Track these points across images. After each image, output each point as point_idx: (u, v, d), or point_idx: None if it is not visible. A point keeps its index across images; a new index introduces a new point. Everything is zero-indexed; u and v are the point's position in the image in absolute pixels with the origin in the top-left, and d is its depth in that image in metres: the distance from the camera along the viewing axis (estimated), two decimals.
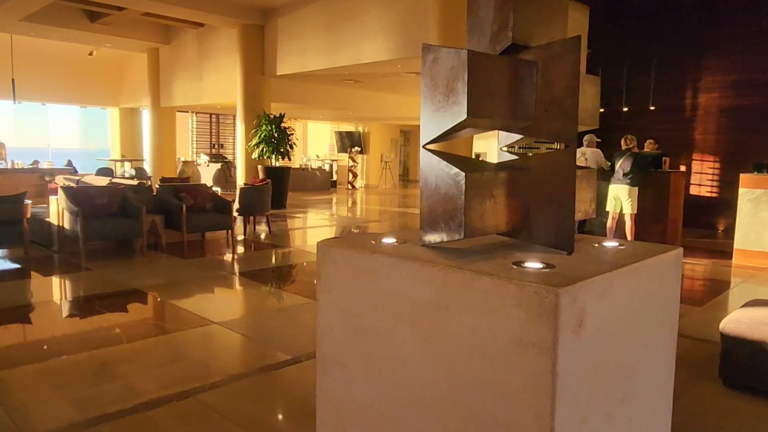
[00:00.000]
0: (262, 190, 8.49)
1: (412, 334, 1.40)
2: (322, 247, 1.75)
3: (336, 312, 1.64)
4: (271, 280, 5.71)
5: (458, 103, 1.46)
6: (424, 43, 1.66)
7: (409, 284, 1.41)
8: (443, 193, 1.57)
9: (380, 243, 1.72)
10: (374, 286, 1.50)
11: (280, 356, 3.51)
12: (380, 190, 19.69)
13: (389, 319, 1.46)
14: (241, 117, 12.73)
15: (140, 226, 6.57)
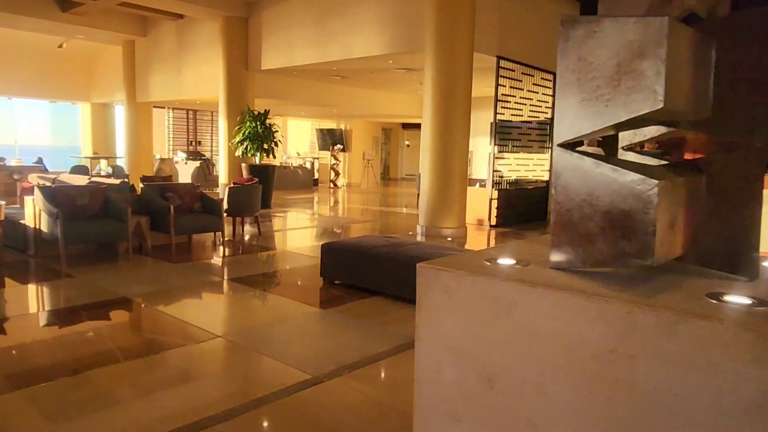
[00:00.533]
0: (251, 190, 8.09)
1: (570, 388, 1.09)
2: (427, 270, 1.42)
3: (447, 352, 1.32)
4: (269, 286, 5.35)
5: (644, 89, 1.13)
6: (563, 14, 1.33)
7: (566, 323, 1.10)
8: (606, 206, 1.20)
9: (498, 264, 1.39)
10: (509, 323, 1.18)
11: (297, 375, 3.17)
12: (363, 188, 19.35)
13: (533, 366, 1.15)
14: (223, 113, 12.25)
15: (125, 228, 6.13)
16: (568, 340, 1.09)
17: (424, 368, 1.36)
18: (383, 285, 4.92)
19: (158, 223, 6.78)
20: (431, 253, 4.75)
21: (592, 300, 1.07)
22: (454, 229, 8.61)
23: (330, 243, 5.42)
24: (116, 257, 6.34)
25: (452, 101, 8.45)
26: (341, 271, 5.25)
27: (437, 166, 8.55)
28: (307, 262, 6.43)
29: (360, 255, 5.06)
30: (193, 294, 5.02)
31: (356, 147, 20.78)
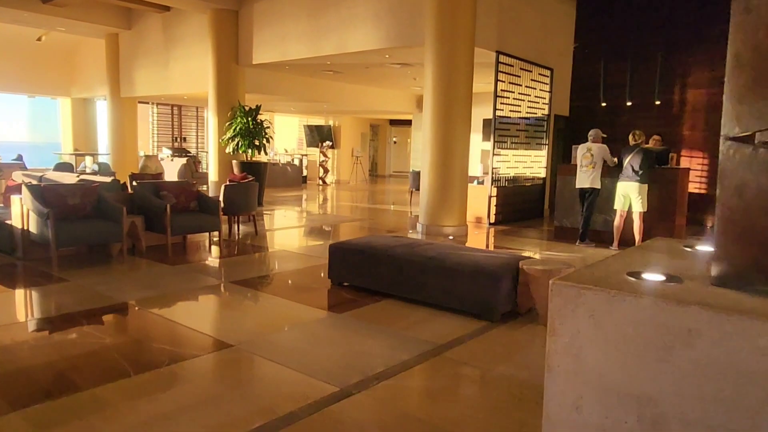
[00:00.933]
0: (248, 188, 7.82)
1: None
2: (566, 289, 1.22)
3: (591, 387, 1.12)
4: (275, 288, 5.11)
5: None
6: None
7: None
8: None
9: (646, 281, 1.19)
10: (689, 356, 0.98)
11: (322, 387, 2.97)
12: (353, 185, 19.12)
13: (725, 411, 0.94)
14: (213, 109, 11.92)
15: (120, 229, 5.83)
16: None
17: (559, 405, 1.16)
18: (396, 287, 4.73)
19: (153, 223, 6.49)
20: (448, 254, 4.57)
21: None
22: (455, 227, 8.44)
23: (338, 243, 5.20)
24: (110, 259, 6.04)
25: (453, 97, 8.28)
26: (350, 272, 5.05)
27: (438, 164, 8.37)
28: (309, 262, 6.20)
29: (371, 256, 4.86)
30: (196, 298, 4.76)
31: (345, 143, 20.53)
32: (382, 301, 4.66)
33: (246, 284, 5.17)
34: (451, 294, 4.38)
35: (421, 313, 4.37)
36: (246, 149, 11.39)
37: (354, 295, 4.84)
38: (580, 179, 7.75)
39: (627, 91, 10.86)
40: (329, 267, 5.21)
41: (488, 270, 4.20)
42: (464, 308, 4.32)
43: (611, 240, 7.73)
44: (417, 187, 13.36)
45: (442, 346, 3.64)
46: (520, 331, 4.05)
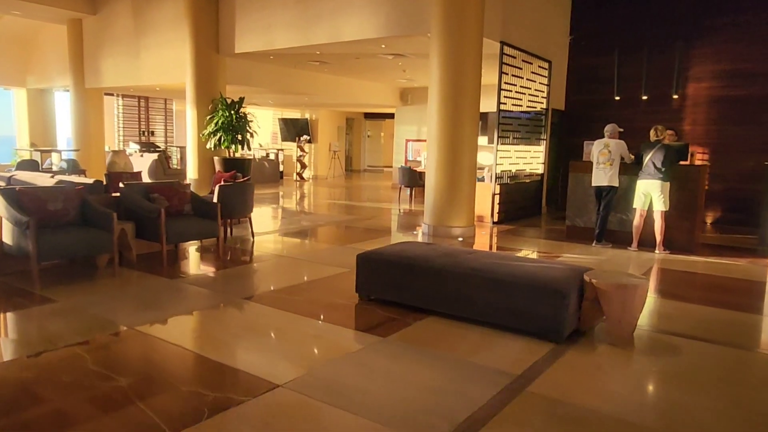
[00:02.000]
0: (244, 189, 7.16)
1: None
2: None
3: None
4: (297, 306, 4.51)
5: None
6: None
7: None
8: None
9: None
10: None
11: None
12: (331, 181, 18.48)
13: None
14: (192, 101, 11.10)
15: (110, 238, 5.11)
16: None
17: None
18: (439, 303, 4.22)
19: (144, 229, 5.78)
20: (499, 265, 4.08)
21: None
22: (464, 227, 7.98)
23: (368, 254, 4.65)
24: (98, 273, 5.32)
25: (461, 90, 7.79)
26: (382, 285, 4.50)
27: (445, 161, 7.87)
28: (323, 271, 5.62)
29: (409, 268, 4.33)
30: (211, 321, 4.13)
31: (322, 138, 19.84)
32: (424, 319, 4.14)
33: (262, 301, 4.56)
34: (507, 311, 3.89)
35: (475, 334, 3.88)
36: (229, 145, 10.64)
37: (389, 311, 4.31)
38: (596, 177, 7.39)
39: (642, 84, 10.57)
40: (357, 279, 4.66)
41: (555, 285, 3.73)
42: (524, 327, 3.85)
43: (627, 240, 7.41)
44: (406, 183, 12.90)
45: (520, 377, 3.15)
46: (595, 354, 3.60)
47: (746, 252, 7.38)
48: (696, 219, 7.19)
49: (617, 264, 6.43)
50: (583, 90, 11.36)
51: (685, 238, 7.16)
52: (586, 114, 11.36)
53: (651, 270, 6.18)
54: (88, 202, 5.32)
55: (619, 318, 3.71)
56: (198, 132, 10.99)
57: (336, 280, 5.32)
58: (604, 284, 3.71)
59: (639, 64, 10.51)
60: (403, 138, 16.60)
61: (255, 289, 4.91)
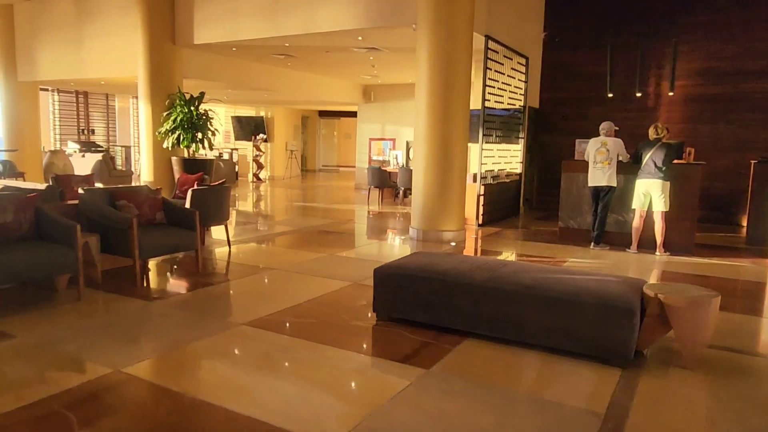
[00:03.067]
0: (220, 194, 6.40)
1: None
2: None
3: None
4: (312, 331, 3.87)
5: None
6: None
7: None
8: None
9: None
10: None
11: None
12: (290, 182, 17.68)
13: None
14: (145, 96, 10.11)
15: (73, 255, 4.29)
16: None
17: None
18: (474, 323, 3.71)
19: (111, 242, 4.96)
20: (547, 280, 3.61)
21: None
22: (455, 231, 7.52)
23: (388, 269, 4.07)
24: (59, 297, 4.48)
25: (451, 86, 7.32)
26: (406, 304, 3.94)
27: (435, 161, 7.39)
28: (325, 286, 4.99)
29: (440, 284, 3.79)
30: (221, 358, 3.42)
31: (278, 136, 18.96)
32: (462, 343, 3.62)
33: (268, 326, 3.89)
34: (562, 333, 3.42)
35: (529, 361, 3.38)
36: (189, 144, 9.75)
37: (419, 334, 3.75)
38: (594, 177, 7.10)
39: (617, 81, 10.43)
40: (375, 297, 4.08)
41: (621, 302, 3.29)
42: (582, 351, 3.39)
43: (624, 242, 7.17)
44: (375, 184, 12.35)
45: (608, 418, 2.67)
46: (672, 380, 3.18)
47: (743, 252, 7.29)
48: (694, 219, 7.02)
49: (626, 268, 6.13)
50: (557, 87, 11.17)
51: (683, 239, 6.97)
52: (560, 111, 11.19)
53: (662, 274, 5.91)
54: (44, 213, 4.46)
55: (691, 337, 3.31)
56: (153, 130, 10.03)
57: (342, 297, 4.71)
58: (674, 299, 3.30)
59: (613, 61, 10.40)
60: (366, 137, 16.02)
61: (253, 311, 4.22)
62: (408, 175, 11.94)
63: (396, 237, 7.98)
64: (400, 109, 15.28)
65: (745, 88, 9.51)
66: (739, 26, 9.47)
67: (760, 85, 9.40)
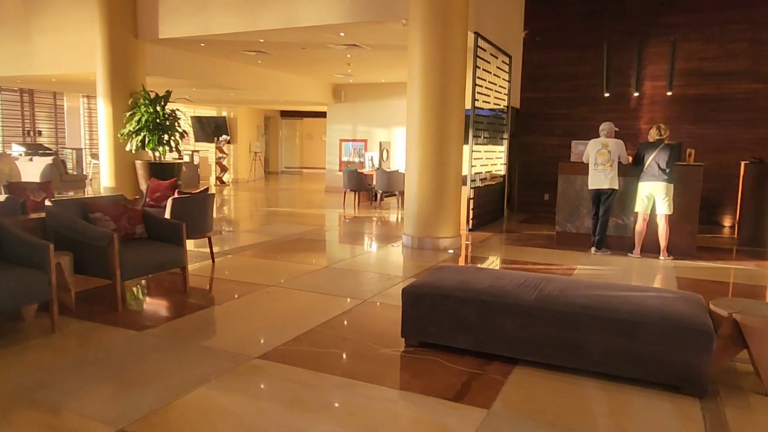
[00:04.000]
0: (204, 202, 5.79)
1: None
2: None
3: None
4: (335, 363, 3.37)
5: None
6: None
7: None
8: None
9: None
10: None
11: None
12: (255, 185, 16.94)
13: None
14: (105, 95, 9.28)
15: (44, 279, 3.63)
16: None
17: None
18: (524, 349, 3.31)
19: (85, 262, 4.30)
20: (590, 297, 3.24)
21: None
22: (452, 238, 7.14)
23: (418, 288, 3.61)
24: (28, 329, 3.81)
25: (446, 84, 6.93)
26: (442, 328, 3.50)
27: (430, 165, 6.98)
28: (334, 306, 4.49)
29: (481, 305, 3.37)
30: (239, 403, 2.88)
31: (241, 138, 18.17)
32: (513, 372, 3.21)
33: (285, 359, 3.37)
34: (627, 358, 3.06)
35: (594, 392, 3.00)
36: (155, 146, 9.00)
37: (459, 363, 3.33)
38: (595, 179, 6.85)
39: (600, 82, 10.27)
40: (404, 321, 3.62)
41: (692, 323, 2.95)
42: (649, 377, 3.04)
43: (623, 246, 6.98)
44: (351, 187, 11.85)
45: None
46: (759, 411, 2.86)
47: (742, 254, 7.19)
48: (695, 222, 6.88)
49: (641, 275, 5.90)
50: (538, 87, 10.97)
51: (684, 242, 6.82)
52: (541, 112, 11.00)
53: (678, 282, 5.69)
54: (7, 231, 3.78)
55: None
56: (114, 132, 9.22)
57: (358, 319, 4.23)
58: (752, 319, 2.99)
59: (596, 61, 10.28)
60: (337, 138, 15.47)
61: (262, 340, 3.68)
62: (386, 178, 11.52)
63: (387, 245, 7.52)
64: (373, 110, 14.83)
65: (726, 89, 9.53)
66: (720, 27, 9.49)
67: (742, 85, 9.44)
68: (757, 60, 9.33)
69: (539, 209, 11.04)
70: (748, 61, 9.39)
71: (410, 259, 6.53)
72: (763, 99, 9.36)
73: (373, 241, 8.03)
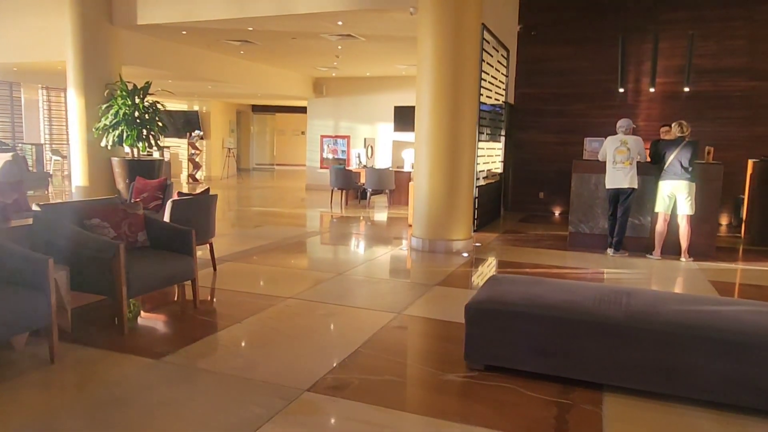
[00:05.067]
0: (207, 205, 5.21)
1: None
2: None
3: None
4: (406, 395, 2.92)
5: None
6: None
7: None
8: None
9: None
10: None
11: None
12: (229, 182, 16.21)
13: None
14: (76, 86, 8.49)
15: (44, 301, 3.05)
16: None
17: None
18: (616, 374, 2.92)
19: (82, 277, 3.70)
20: (687, 313, 2.89)
21: None
22: (465, 240, 6.75)
23: (485, 304, 3.18)
24: (19, 361, 3.20)
25: (460, 79, 6.53)
26: (515, 350, 3.09)
27: (442, 163, 6.58)
28: (368, 321, 4.02)
29: (563, 323, 2.97)
30: None
31: (214, 133, 17.37)
32: (605, 402, 2.83)
33: (340, 391, 2.88)
34: (740, 384, 2.71)
35: (710, 425, 2.64)
36: (134, 142, 8.29)
37: (535, 389, 2.92)
38: (614, 178, 6.57)
39: (595, 78, 10.04)
40: (468, 341, 3.19)
41: None
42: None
43: (640, 247, 6.74)
44: (339, 185, 11.34)
45: None
46: None
47: (761, 254, 7.04)
48: (715, 222, 6.68)
49: (671, 280, 5.64)
50: (533, 83, 10.70)
51: (703, 242, 6.62)
52: (536, 108, 10.74)
53: (716, 285, 5.44)
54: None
55: None
56: (88, 126, 8.45)
57: (402, 337, 3.78)
58: None
59: (593, 57, 10.07)
60: (317, 134, 14.89)
61: (306, 367, 3.17)
62: (376, 176, 11.06)
63: (395, 247, 7.07)
64: (356, 105, 14.33)
65: (724, 86, 9.46)
66: (719, 23, 9.39)
67: (740, 83, 9.38)
68: (755, 57, 9.28)
69: (534, 208, 10.79)
70: (746, 59, 9.33)
71: (426, 264, 6.11)
72: (760, 97, 9.32)
73: (376, 243, 7.56)
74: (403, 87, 13.56)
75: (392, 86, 13.66)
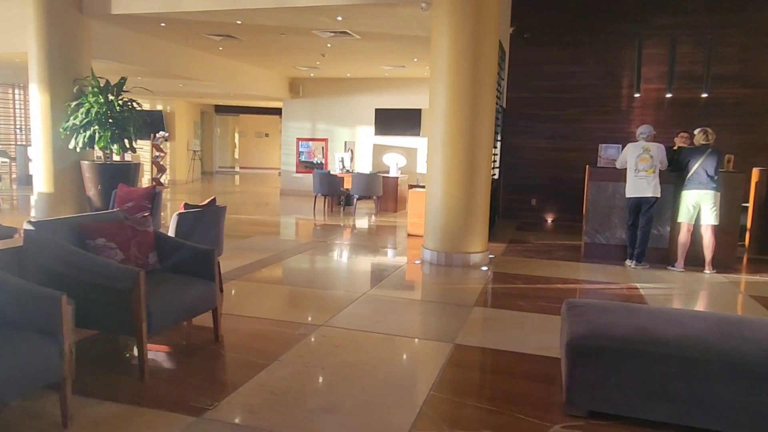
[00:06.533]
0: (216, 218, 4.57)
1: None
2: None
3: None
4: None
5: None
6: None
7: None
8: None
9: None
10: None
11: None
12: (195, 187, 15.31)
13: None
14: (40, 81, 7.59)
15: (55, 349, 2.40)
16: None
17: None
18: (744, 421, 2.53)
19: (89, 312, 3.03)
20: None
21: None
22: (482, 253, 6.34)
23: (590, 340, 2.74)
24: (18, 424, 2.53)
25: (479, 79, 6.11)
26: (629, 393, 2.66)
27: (459, 170, 6.15)
28: (425, 357, 3.52)
29: (686, 363, 2.56)
30: None
31: (179, 134, 16.40)
32: None
33: None
34: None
35: None
36: (108, 144, 7.47)
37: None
38: (636, 187, 6.29)
39: (590, 83, 9.84)
40: (571, 384, 2.74)
41: None
42: None
43: (659, 258, 6.49)
44: (324, 191, 10.77)
45: None
46: None
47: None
48: (736, 233, 6.51)
49: (712, 296, 5.38)
50: (526, 86, 10.43)
51: (725, 254, 6.43)
52: (528, 112, 10.48)
53: (754, 300, 5.21)
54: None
55: None
56: (54, 125, 7.56)
57: (474, 377, 3.31)
58: None
59: (587, 60, 9.89)
60: (293, 136, 14.22)
61: (380, 419, 2.64)
62: (363, 181, 10.54)
63: (404, 260, 6.58)
64: (334, 106, 13.75)
65: (717, 93, 9.43)
66: (711, 30, 9.36)
67: (732, 90, 9.37)
68: (748, 65, 9.30)
69: (527, 215, 10.53)
70: (739, 66, 9.34)
71: (449, 280, 5.64)
72: (752, 104, 9.34)
73: (382, 255, 7.04)
74: (385, 89, 13.10)
75: (374, 88, 13.17)
